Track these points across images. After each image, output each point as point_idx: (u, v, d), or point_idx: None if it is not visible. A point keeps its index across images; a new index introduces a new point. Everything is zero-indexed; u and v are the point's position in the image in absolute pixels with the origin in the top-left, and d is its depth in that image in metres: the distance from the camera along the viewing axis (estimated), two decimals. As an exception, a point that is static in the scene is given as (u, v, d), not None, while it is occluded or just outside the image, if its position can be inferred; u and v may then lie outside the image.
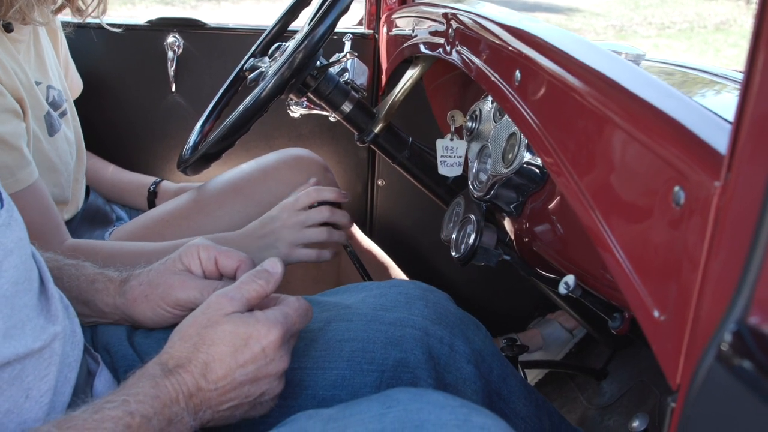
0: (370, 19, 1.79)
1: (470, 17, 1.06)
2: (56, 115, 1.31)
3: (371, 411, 0.66)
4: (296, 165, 1.44)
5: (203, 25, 1.77)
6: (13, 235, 0.71)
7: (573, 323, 1.71)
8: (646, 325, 0.55)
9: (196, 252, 0.88)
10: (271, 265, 0.81)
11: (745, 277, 0.42)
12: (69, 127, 1.37)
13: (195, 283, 0.86)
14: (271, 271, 0.80)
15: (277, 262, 0.82)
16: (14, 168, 1.13)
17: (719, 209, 0.46)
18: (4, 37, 1.19)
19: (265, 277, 0.79)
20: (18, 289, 0.69)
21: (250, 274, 0.79)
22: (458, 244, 1.14)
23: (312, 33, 1.15)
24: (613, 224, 0.60)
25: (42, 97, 1.27)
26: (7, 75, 1.15)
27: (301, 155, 1.47)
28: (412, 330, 0.88)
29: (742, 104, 0.44)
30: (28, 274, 0.72)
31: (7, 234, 0.70)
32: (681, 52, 7.83)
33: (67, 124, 1.36)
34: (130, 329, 0.92)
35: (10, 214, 0.72)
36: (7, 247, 0.69)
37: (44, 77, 1.30)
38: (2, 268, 0.67)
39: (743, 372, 0.40)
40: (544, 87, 0.76)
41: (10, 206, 0.73)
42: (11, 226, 0.71)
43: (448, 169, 1.27)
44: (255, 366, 0.72)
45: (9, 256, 0.69)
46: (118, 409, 0.64)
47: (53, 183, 1.31)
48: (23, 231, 0.74)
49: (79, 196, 1.42)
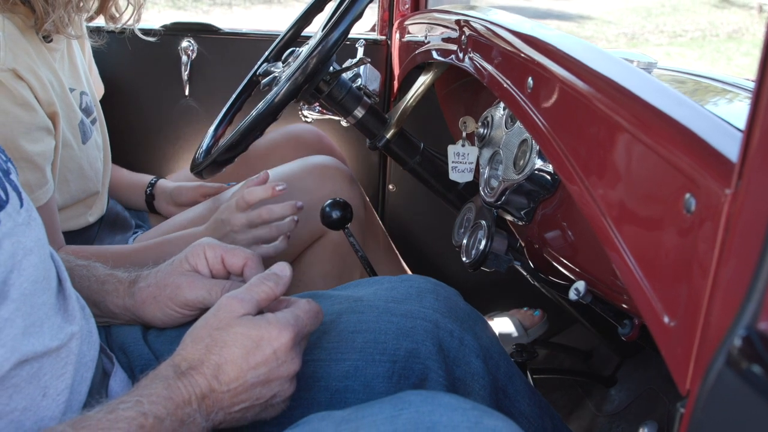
0: (383, 25, 1.80)
1: (483, 24, 1.07)
2: (88, 122, 1.33)
3: (383, 413, 0.67)
4: (321, 174, 1.44)
5: (217, 30, 1.78)
6: (33, 234, 0.72)
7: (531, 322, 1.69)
8: (656, 331, 0.55)
9: (202, 252, 0.89)
10: (280, 268, 0.82)
11: (755, 284, 0.42)
12: (99, 134, 1.39)
13: (203, 283, 0.87)
14: (280, 274, 0.81)
15: (286, 265, 0.83)
16: (34, 186, 1.15)
17: (730, 216, 0.46)
18: (43, 48, 1.20)
19: (275, 279, 0.80)
20: (37, 288, 0.70)
21: (259, 277, 0.80)
22: (469, 250, 1.15)
23: (326, 39, 1.16)
24: (624, 231, 0.61)
25: (76, 104, 1.28)
26: (43, 89, 1.16)
27: (327, 164, 1.47)
28: (423, 322, 0.89)
29: (754, 112, 0.44)
30: (46, 273, 0.73)
31: (27, 233, 0.71)
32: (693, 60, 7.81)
33: (97, 130, 1.38)
34: (144, 329, 0.93)
35: (29, 214, 0.73)
36: (26, 246, 0.70)
37: (77, 83, 1.32)
38: (22, 267, 0.69)
39: (753, 376, 0.40)
40: (556, 94, 0.77)
41: (29, 206, 0.74)
42: (30, 225, 0.72)
43: (459, 175, 1.28)
44: (266, 368, 0.73)
45: (29, 255, 0.70)
46: (132, 409, 0.65)
47: (83, 189, 1.33)
48: (42, 230, 0.75)
49: (104, 201, 1.44)
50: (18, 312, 0.67)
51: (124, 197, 1.62)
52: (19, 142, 1.10)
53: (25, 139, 1.11)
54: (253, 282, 0.80)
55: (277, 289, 0.79)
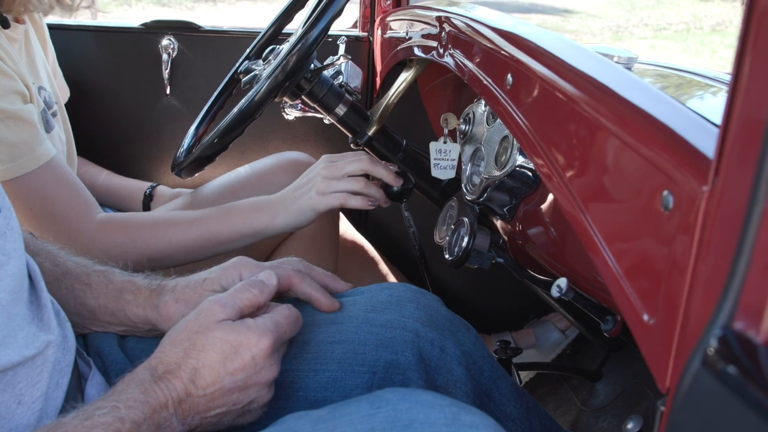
0: (365, 22, 1.79)
1: (463, 21, 1.06)
2: (49, 114, 1.31)
3: (360, 411, 0.66)
4: (293, 169, 1.43)
5: (198, 28, 1.77)
6: (9, 244, 0.71)
7: (566, 324, 1.72)
8: (635, 329, 0.55)
9: (237, 273, 0.87)
10: (266, 276, 0.81)
11: (731, 282, 0.42)
12: (61, 130, 1.37)
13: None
14: (266, 282, 0.80)
15: (272, 274, 0.82)
16: (33, 143, 1.13)
17: (707, 213, 0.46)
18: (2, 33, 1.19)
19: (260, 287, 0.79)
20: (14, 298, 0.69)
21: (244, 283, 0.79)
22: (452, 247, 1.14)
23: (306, 36, 1.16)
24: (603, 228, 0.61)
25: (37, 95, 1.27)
26: (12, 61, 1.15)
27: (299, 159, 1.46)
28: (403, 332, 0.88)
29: (730, 108, 0.44)
30: (21, 283, 0.72)
31: (3, 244, 0.70)
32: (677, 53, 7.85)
33: (59, 125, 1.36)
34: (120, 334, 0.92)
35: (7, 221, 0.72)
36: (5, 256, 0.69)
37: (36, 79, 1.31)
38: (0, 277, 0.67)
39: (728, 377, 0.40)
40: (536, 91, 0.77)
41: (8, 213, 0.73)
42: (6, 235, 0.71)
43: (442, 172, 1.28)
44: (244, 374, 0.72)
45: (5, 265, 0.69)
46: (109, 415, 0.64)
47: None
48: (20, 239, 0.74)
49: None
50: None
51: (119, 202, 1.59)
52: None
53: (3, 101, 1.10)
54: (237, 288, 0.79)
55: (262, 297, 0.79)
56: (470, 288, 1.91)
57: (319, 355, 0.87)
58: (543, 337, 1.73)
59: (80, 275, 0.89)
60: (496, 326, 1.79)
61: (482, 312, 1.88)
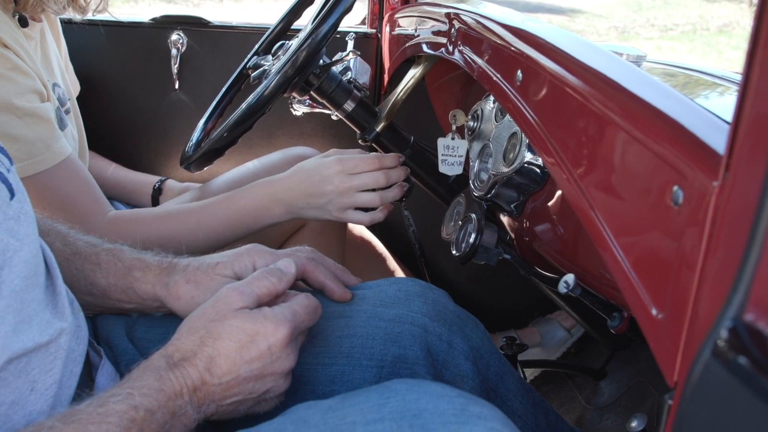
0: (373, 19, 1.80)
1: (473, 17, 1.06)
2: (63, 112, 1.32)
3: (370, 401, 0.67)
4: None
5: (207, 23, 1.77)
6: (23, 229, 0.71)
7: (571, 322, 1.72)
8: (644, 323, 0.56)
9: (251, 261, 0.87)
10: (285, 264, 0.81)
11: (742, 275, 0.43)
12: (74, 127, 1.38)
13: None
14: (284, 270, 0.80)
15: (291, 262, 0.82)
16: (49, 140, 1.14)
17: (717, 209, 0.46)
18: (20, 32, 1.20)
19: (278, 275, 0.79)
20: (27, 284, 0.69)
21: (263, 271, 0.79)
22: (459, 243, 1.15)
23: (315, 32, 1.16)
24: (612, 223, 0.61)
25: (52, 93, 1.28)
26: (31, 60, 1.17)
27: (306, 155, 1.47)
28: (411, 326, 0.88)
29: (740, 105, 0.44)
30: (35, 269, 0.72)
31: (17, 228, 0.70)
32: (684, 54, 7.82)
33: (72, 123, 1.37)
34: (129, 324, 0.92)
35: (21, 206, 0.72)
36: (17, 240, 0.69)
37: (50, 75, 1.32)
38: (13, 263, 0.67)
39: (739, 368, 0.41)
40: (546, 87, 0.77)
41: (23, 197, 0.73)
42: (20, 220, 0.71)
43: (449, 168, 1.28)
44: (261, 363, 0.72)
45: (20, 251, 0.69)
46: (123, 402, 0.64)
47: None
48: (33, 224, 0.74)
49: None
50: (8, 309, 0.66)
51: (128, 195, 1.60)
52: (13, 102, 1.10)
53: (19, 100, 1.11)
54: (255, 275, 0.79)
55: (280, 286, 0.79)
56: (476, 285, 1.92)
57: (327, 348, 0.87)
58: (548, 336, 1.73)
59: (90, 255, 0.89)
60: (502, 324, 1.79)
61: (487, 309, 1.88)
